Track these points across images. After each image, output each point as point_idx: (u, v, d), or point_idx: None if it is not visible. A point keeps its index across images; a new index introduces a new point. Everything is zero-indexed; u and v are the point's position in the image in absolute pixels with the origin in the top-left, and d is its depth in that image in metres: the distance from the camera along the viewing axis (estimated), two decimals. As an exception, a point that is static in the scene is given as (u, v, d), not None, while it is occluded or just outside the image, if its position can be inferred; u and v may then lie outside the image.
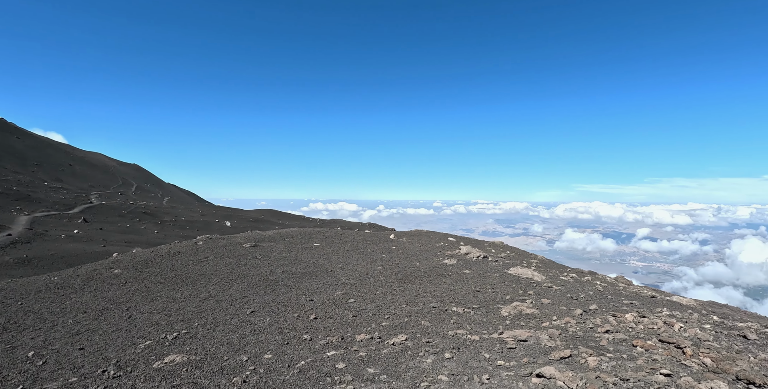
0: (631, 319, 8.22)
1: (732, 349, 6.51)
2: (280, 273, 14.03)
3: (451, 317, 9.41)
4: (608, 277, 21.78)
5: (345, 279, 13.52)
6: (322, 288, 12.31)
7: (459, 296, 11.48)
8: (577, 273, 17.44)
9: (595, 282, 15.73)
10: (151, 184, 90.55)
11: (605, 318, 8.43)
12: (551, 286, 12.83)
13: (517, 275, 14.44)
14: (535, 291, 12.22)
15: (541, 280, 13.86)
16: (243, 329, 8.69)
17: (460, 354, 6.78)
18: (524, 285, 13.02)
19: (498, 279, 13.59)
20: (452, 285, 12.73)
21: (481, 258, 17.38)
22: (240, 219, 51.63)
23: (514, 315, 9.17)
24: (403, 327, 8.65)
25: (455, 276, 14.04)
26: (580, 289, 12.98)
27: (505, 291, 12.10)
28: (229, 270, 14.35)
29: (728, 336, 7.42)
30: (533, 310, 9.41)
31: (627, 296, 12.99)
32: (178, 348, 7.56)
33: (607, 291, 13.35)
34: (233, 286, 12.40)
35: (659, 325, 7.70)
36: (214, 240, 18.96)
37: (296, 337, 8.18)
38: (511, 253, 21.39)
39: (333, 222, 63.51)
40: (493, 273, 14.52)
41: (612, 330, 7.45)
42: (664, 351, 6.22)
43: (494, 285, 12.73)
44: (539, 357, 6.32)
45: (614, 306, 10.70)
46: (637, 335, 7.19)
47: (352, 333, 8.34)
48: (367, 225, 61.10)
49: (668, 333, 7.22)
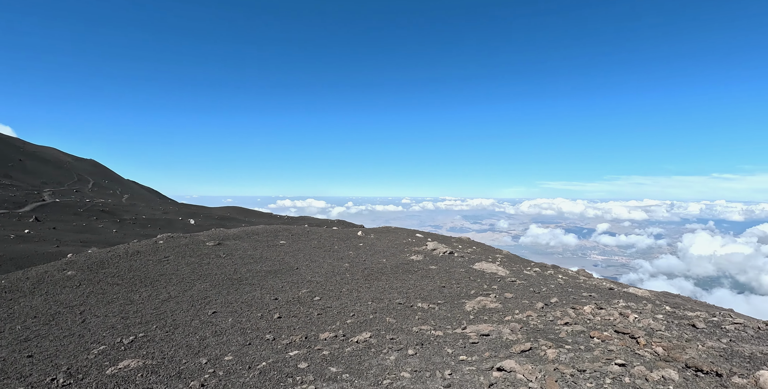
0: (589, 311, 8.47)
1: (682, 338, 6.79)
2: (245, 272, 13.73)
3: (416, 313, 9.44)
4: (570, 271, 22.52)
5: (311, 276, 13.37)
6: (287, 287, 12.13)
7: (425, 292, 11.55)
8: (541, 268, 17.89)
9: (558, 275, 16.17)
10: (109, 180, 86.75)
11: (565, 311, 8.66)
12: (515, 281, 13.09)
13: (482, 270, 14.66)
14: (499, 285, 12.43)
15: (505, 275, 14.12)
16: (204, 330, 8.43)
17: (423, 350, 6.80)
18: (489, 279, 13.23)
19: (463, 275, 13.75)
20: (418, 281, 12.80)
21: (447, 254, 17.56)
22: (205, 217, 50.26)
23: (478, 310, 9.30)
24: (368, 325, 8.62)
25: (421, 272, 14.12)
26: (542, 283, 13.30)
27: (470, 286, 12.26)
28: (191, 269, 13.91)
29: (679, 325, 7.75)
30: (497, 305, 9.57)
31: (587, 289, 13.41)
32: (134, 353, 7.25)
33: (568, 285, 13.73)
34: (195, 286, 12.03)
35: (615, 316, 7.96)
36: (176, 239, 18.36)
37: (259, 337, 8.00)
38: (477, 249, 21.74)
39: (301, 219, 62.77)
40: (459, 269, 14.69)
41: (571, 323, 7.66)
42: (620, 342, 6.43)
43: (459, 281, 12.88)
44: (501, 350, 6.42)
45: (574, 299, 11.01)
46: (594, 326, 7.41)
47: (316, 332, 8.24)
48: (336, 222, 60.76)
49: (623, 324, 7.48)
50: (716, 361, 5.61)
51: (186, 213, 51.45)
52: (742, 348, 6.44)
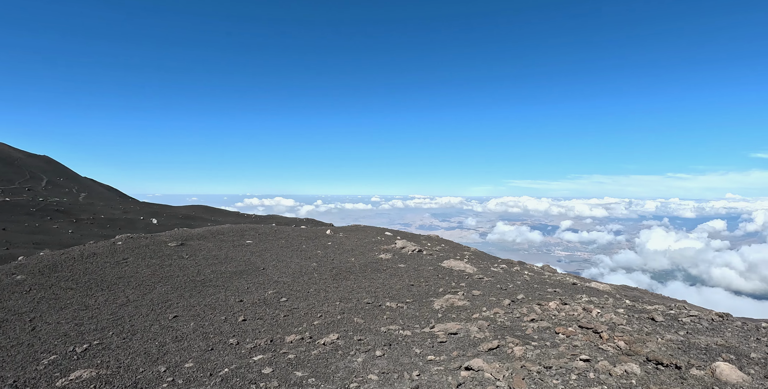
0: (554, 307, 8.62)
1: (642, 332, 6.99)
2: (209, 273, 13.28)
3: (384, 312, 9.36)
4: (535, 266, 23.04)
5: (278, 277, 13.07)
6: (253, 288, 11.81)
7: (393, 291, 11.49)
8: (507, 264, 18.16)
9: (524, 272, 16.45)
10: (64, 178, 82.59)
11: (531, 307, 8.77)
12: (482, 278, 13.21)
13: (451, 268, 14.74)
14: (467, 282, 12.51)
15: (473, 272, 14.25)
16: (163, 336, 8.05)
17: (391, 350, 6.72)
18: (457, 277, 13.30)
19: (432, 273, 13.78)
20: (387, 280, 12.73)
21: (416, 252, 17.58)
22: (168, 217, 48.57)
23: (446, 308, 9.31)
24: (336, 326, 8.46)
25: (390, 270, 14.06)
26: (509, 279, 13.48)
27: (438, 284, 12.29)
28: (151, 271, 13.34)
29: (639, 319, 7.99)
30: (464, 302, 9.61)
31: (551, 284, 13.68)
32: (88, 362, 6.83)
33: (534, 281, 13.98)
34: (155, 289, 11.52)
35: (579, 312, 8.13)
36: (136, 240, 17.60)
37: (222, 342, 7.70)
38: (445, 246, 21.88)
39: (269, 217, 61.66)
40: (428, 267, 14.72)
41: (537, 319, 7.76)
42: (584, 337, 6.55)
43: (428, 279, 12.89)
44: (469, 349, 6.41)
45: (539, 295, 11.20)
46: (559, 322, 7.54)
47: (282, 335, 8.01)
48: (305, 220, 60.04)
49: (587, 319, 7.64)
50: (675, 354, 5.79)
51: (148, 213, 49.60)
52: (699, 340, 6.68)
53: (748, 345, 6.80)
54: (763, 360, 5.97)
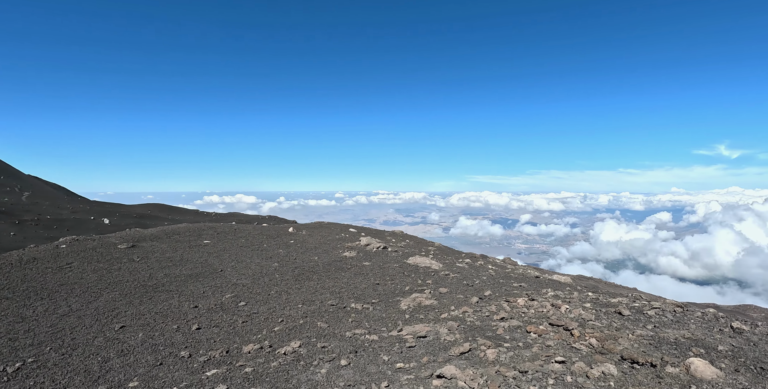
0: (522, 304, 8.46)
1: (612, 327, 6.90)
2: (161, 277, 12.37)
3: (349, 315, 8.89)
4: (497, 259, 23.27)
5: (236, 279, 12.35)
6: (209, 292, 11.05)
7: (358, 290, 11.06)
8: (471, 259, 18.14)
9: (488, 266, 16.44)
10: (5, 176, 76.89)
11: (500, 305, 8.58)
12: (448, 274, 13.02)
13: (416, 264, 14.49)
14: (433, 279, 12.26)
15: (438, 268, 14.04)
16: (108, 350, 7.25)
17: (357, 358, 6.27)
18: (423, 274, 13.04)
19: (397, 270, 13.46)
20: (352, 279, 12.28)
21: (381, 249, 17.22)
22: (122, 216, 45.93)
23: (414, 308, 8.97)
24: (298, 331, 7.92)
25: (355, 269, 13.62)
26: (474, 275, 13.35)
27: (404, 281, 11.96)
28: (98, 277, 12.27)
29: (606, 313, 7.94)
30: (432, 301, 9.31)
31: (516, 278, 13.68)
32: (19, 384, 5.98)
33: (499, 275, 13.93)
34: (102, 297, 10.55)
35: (548, 308, 7.99)
36: (82, 242, 16.29)
37: (172, 355, 7.02)
38: (410, 242, 21.65)
39: (230, 215, 59.62)
40: (393, 264, 14.39)
41: (507, 317, 7.55)
42: (555, 335, 6.37)
43: (394, 277, 12.55)
44: (439, 354, 6.07)
45: (506, 291, 11.09)
46: (529, 320, 7.35)
47: (240, 344, 7.39)
48: (267, 218, 58.48)
49: (557, 315, 7.50)
50: (648, 350, 5.68)
51: (99, 212, 46.77)
52: (667, 334, 6.65)
53: (713, 337, 6.84)
54: (731, 353, 5.98)
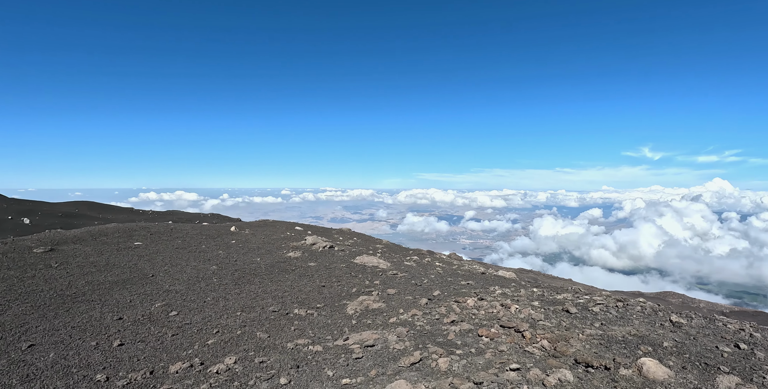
0: (472, 305, 8.25)
1: (562, 326, 6.81)
2: (82, 285, 10.97)
3: (292, 322, 8.24)
4: (443, 255, 23.44)
5: (169, 285, 11.24)
6: (137, 301, 9.89)
7: (303, 294, 10.42)
8: (419, 256, 18.00)
9: (435, 263, 16.33)
10: None
11: (449, 306, 8.32)
12: (396, 274, 12.70)
13: (364, 264, 14.06)
14: (381, 280, 11.88)
15: (386, 267, 13.71)
16: (10, 376, 6.09)
17: (299, 375, 5.67)
18: (370, 274, 12.63)
19: (344, 270, 12.95)
20: (296, 282, 11.62)
21: (327, 249, 16.63)
22: (45, 215, 41.75)
23: (361, 313, 8.50)
24: (234, 344, 7.18)
25: (300, 270, 12.95)
26: (422, 274, 13.13)
27: (351, 283, 11.48)
28: (6, 287, 10.67)
29: (555, 312, 7.89)
30: (380, 304, 8.89)
31: (463, 275, 13.61)
32: None
33: (446, 273, 13.81)
34: (9, 310, 9.10)
35: (498, 308, 7.82)
36: (-14, 247, 14.36)
37: (86, 378, 6.05)
38: (358, 240, 21.21)
39: (169, 214, 56.12)
40: (340, 264, 13.86)
41: (457, 320, 7.28)
42: (507, 338, 6.16)
43: (340, 278, 12.03)
44: (388, 365, 5.62)
45: (455, 290, 10.92)
46: (480, 323, 7.12)
47: (167, 362, 6.53)
48: (210, 216, 55.68)
49: (507, 316, 7.33)
50: (599, 351, 5.58)
51: (18, 211, 42.28)
52: (614, 332, 6.64)
53: (656, 332, 6.94)
54: (676, 349, 6.03)
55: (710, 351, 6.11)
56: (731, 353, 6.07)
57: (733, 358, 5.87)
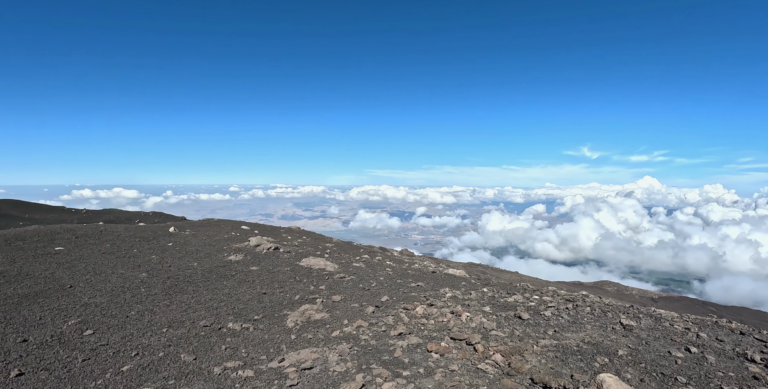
0: (421, 313, 7.75)
1: (515, 336, 6.45)
2: (-18, 300, 9.44)
3: (224, 339, 7.34)
4: (395, 252, 23.09)
5: (89, 297, 9.85)
6: (48, 318, 8.47)
7: (240, 303, 9.51)
8: (370, 254, 17.48)
9: (386, 261, 15.87)
10: None
11: (397, 315, 7.77)
12: (344, 277, 12.06)
13: (310, 267, 13.29)
14: (327, 284, 11.18)
15: (333, 270, 13.03)
16: None
17: (220, 410, 4.93)
18: (316, 278, 11.90)
19: (289, 275, 12.12)
20: (235, 289, 10.66)
21: (272, 251, 15.67)
22: (-48, 217, 37.40)
23: (302, 325, 7.75)
24: (154, 370, 6.20)
25: (240, 275, 11.97)
26: (371, 276, 12.58)
27: (294, 289, 10.69)
28: None
29: (507, 319, 7.54)
30: (323, 314, 8.19)
31: (413, 276, 13.20)
32: None
33: (396, 274, 13.35)
34: None
35: (448, 317, 7.37)
36: None
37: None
38: (307, 239, 20.35)
39: (105, 213, 52.14)
40: (284, 268, 13.00)
41: (405, 332, 6.73)
42: (459, 354, 5.68)
43: (283, 283, 11.20)
44: (327, 393, 4.99)
45: (404, 293, 10.43)
46: (430, 335, 6.62)
47: (66, 398, 5.53)
48: (151, 214, 52.27)
49: (458, 326, 6.88)
50: (556, 366, 5.21)
51: None
52: (568, 341, 6.34)
53: (609, 338, 6.73)
54: (631, 358, 5.80)
55: (664, 357, 5.94)
56: (684, 358, 5.92)
57: (687, 364, 5.71)
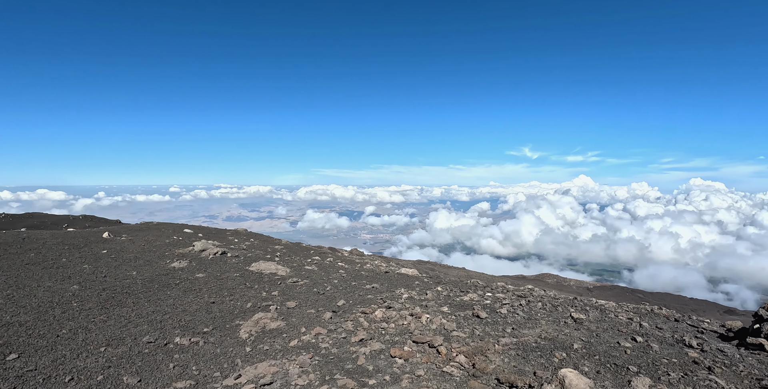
0: (380, 317, 7.63)
1: (475, 336, 6.49)
2: None
3: (172, 356, 6.81)
4: (345, 251, 22.87)
5: (11, 316, 8.76)
6: None
7: (187, 315, 8.92)
8: (320, 255, 17.18)
9: (337, 263, 15.64)
10: None
11: (356, 320, 7.60)
12: (297, 281, 11.72)
13: (260, 271, 12.79)
14: (280, 290, 10.80)
15: (285, 274, 12.63)
16: None
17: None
18: (268, 283, 11.46)
19: (238, 281, 11.58)
20: (180, 299, 10.00)
21: (219, 255, 14.93)
22: None
23: (257, 336, 7.38)
24: (90, 395, 5.67)
25: (185, 284, 11.25)
26: (325, 279, 12.33)
27: (246, 296, 10.22)
28: None
29: (466, 318, 7.60)
30: (279, 323, 7.85)
31: (367, 277, 13.08)
32: None
33: (350, 275, 13.18)
34: None
35: (408, 320, 7.30)
36: None
37: None
38: (255, 241, 19.64)
39: (27, 217, 47.48)
40: (233, 273, 12.41)
41: (366, 338, 6.58)
42: (423, 357, 5.62)
43: (233, 290, 10.67)
44: (289, 410, 4.74)
45: (360, 296, 10.28)
46: (392, 339, 6.51)
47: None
48: (81, 218, 48.33)
49: (419, 329, 6.82)
50: (518, 364, 5.28)
51: None
52: (527, 338, 6.47)
53: (563, 332, 6.95)
54: (585, 351, 6.01)
55: (614, 348, 6.21)
56: (632, 348, 6.23)
57: (635, 354, 6.00)
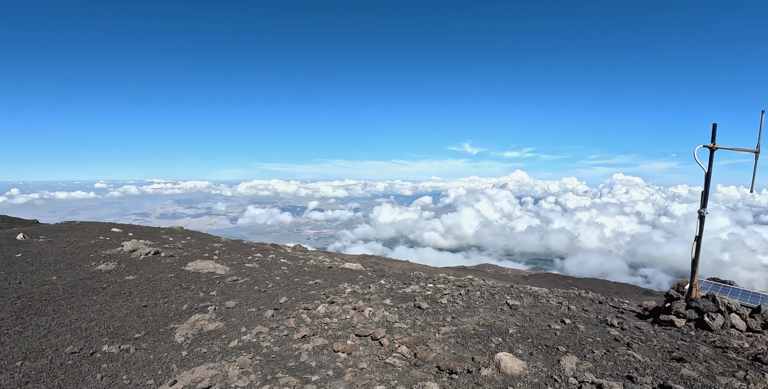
0: (323, 312, 7.59)
1: (417, 326, 6.63)
2: None
3: (99, 366, 6.34)
4: (288, 248, 22.52)
5: None
6: None
7: (116, 320, 8.36)
8: (262, 252, 16.78)
9: (280, 259, 15.36)
10: None
11: (299, 316, 7.51)
12: (237, 279, 11.36)
13: (198, 271, 12.27)
14: (218, 289, 10.42)
15: (225, 273, 12.20)
16: None
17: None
18: (206, 283, 11.03)
19: (173, 282, 11.03)
20: (107, 304, 9.33)
21: (151, 256, 14.11)
22: None
23: (194, 338, 7.06)
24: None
25: (113, 287, 10.53)
26: (267, 276, 12.06)
27: (181, 298, 9.75)
28: None
29: (408, 310, 7.74)
30: (218, 324, 7.57)
31: (310, 273, 12.97)
32: None
33: (293, 272, 12.99)
34: None
35: (351, 314, 7.32)
36: None
37: None
38: (192, 240, 18.77)
39: None
40: (167, 274, 11.80)
41: (309, 334, 6.51)
42: (366, 350, 5.66)
43: (167, 292, 10.14)
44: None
45: (303, 292, 10.16)
46: (335, 334, 6.49)
47: None
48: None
49: (362, 322, 6.86)
50: (458, 351, 5.46)
51: None
52: (466, 326, 6.71)
53: (500, 318, 7.29)
54: (520, 334, 6.33)
55: (546, 331, 6.60)
56: (561, 330, 6.64)
57: (564, 335, 6.41)
